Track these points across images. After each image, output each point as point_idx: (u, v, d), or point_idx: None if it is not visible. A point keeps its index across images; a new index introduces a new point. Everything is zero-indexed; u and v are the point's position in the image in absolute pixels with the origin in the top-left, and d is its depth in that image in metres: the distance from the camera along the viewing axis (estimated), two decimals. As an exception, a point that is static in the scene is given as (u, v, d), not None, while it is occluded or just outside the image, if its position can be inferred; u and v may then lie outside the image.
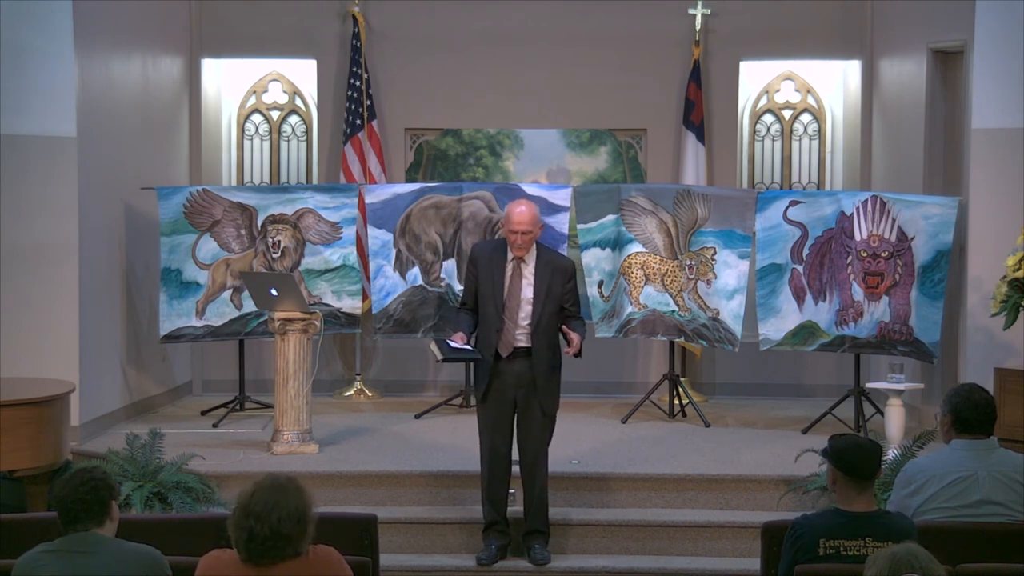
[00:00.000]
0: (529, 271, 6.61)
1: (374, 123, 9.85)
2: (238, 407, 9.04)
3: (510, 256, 6.63)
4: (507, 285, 6.61)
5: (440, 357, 6.59)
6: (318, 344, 7.83)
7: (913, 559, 3.61)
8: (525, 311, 6.59)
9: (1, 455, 6.78)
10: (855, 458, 4.57)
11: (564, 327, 6.61)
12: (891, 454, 7.07)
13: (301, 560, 3.99)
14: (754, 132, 10.22)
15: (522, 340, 6.61)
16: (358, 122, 9.76)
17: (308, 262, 8.99)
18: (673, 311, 8.78)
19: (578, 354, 6.61)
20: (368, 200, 9.02)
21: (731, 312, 8.51)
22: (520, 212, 6.60)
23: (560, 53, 10.01)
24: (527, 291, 6.59)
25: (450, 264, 9.00)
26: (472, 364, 6.79)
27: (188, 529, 5.22)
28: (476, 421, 6.82)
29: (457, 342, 6.57)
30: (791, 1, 9.89)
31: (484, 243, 7.57)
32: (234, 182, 10.26)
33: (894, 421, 7.66)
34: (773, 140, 10.24)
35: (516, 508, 6.88)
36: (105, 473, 4.41)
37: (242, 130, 10.33)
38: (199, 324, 8.83)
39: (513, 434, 6.72)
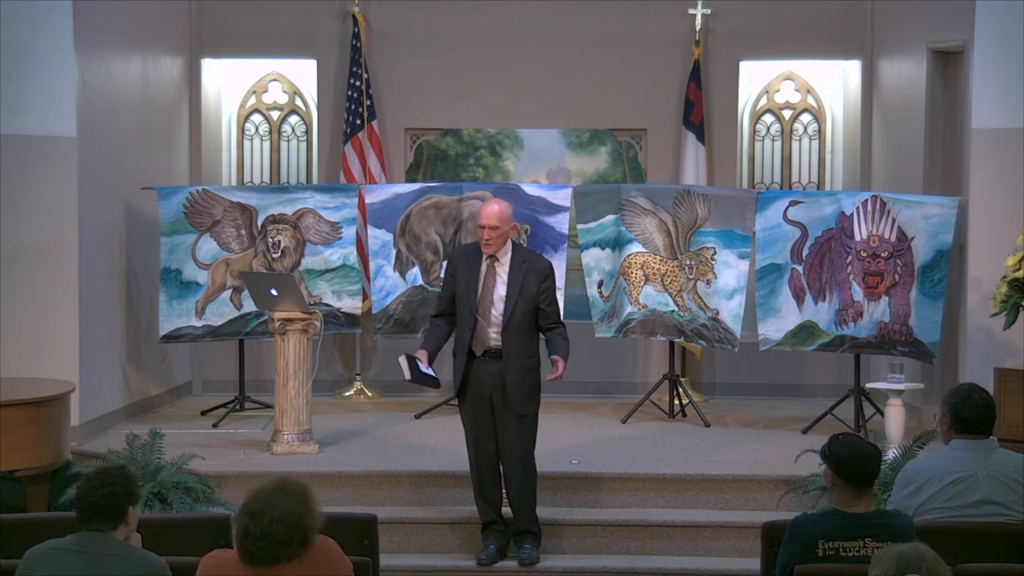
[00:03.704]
0: (503, 270, 6.64)
1: (374, 123, 9.85)
2: (238, 407, 9.03)
3: (485, 256, 6.65)
4: (481, 284, 6.63)
5: (408, 377, 6.64)
6: (318, 344, 7.82)
7: (920, 559, 3.61)
8: (498, 309, 6.60)
9: (1, 455, 6.78)
10: (854, 465, 4.56)
11: (552, 356, 6.59)
12: (891, 454, 7.07)
13: (298, 560, 3.97)
14: (754, 132, 10.22)
15: (495, 339, 6.62)
16: (358, 122, 9.76)
17: (308, 262, 8.99)
18: (673, 311, 8.78)
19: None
20: (368, 200, 9.02)
21: (731, 312, 8.51)
22: (488, 208, 6.66)
23: (560, 53, 10.01)
24: (500, 289, 6.61)
25: (450, 264, 8.99)
26: (453, 358, 6.80)
27: (188, 529, 5.22)
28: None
29: (421, 360, 6.64)
30: (791, 1, 9.89)
31: (462, 246, 7.61)
32: (234, 182, 10.26)
33: (894, 421, 7.66)
34: (773, 140, 10.24)
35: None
36: (129, 477, 4.40)
37: (242, 130, 10.33)
38: (199, 324, 8.83)
39: (494, 433, 6.72)
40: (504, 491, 6.78)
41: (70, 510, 6.14)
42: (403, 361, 6.67)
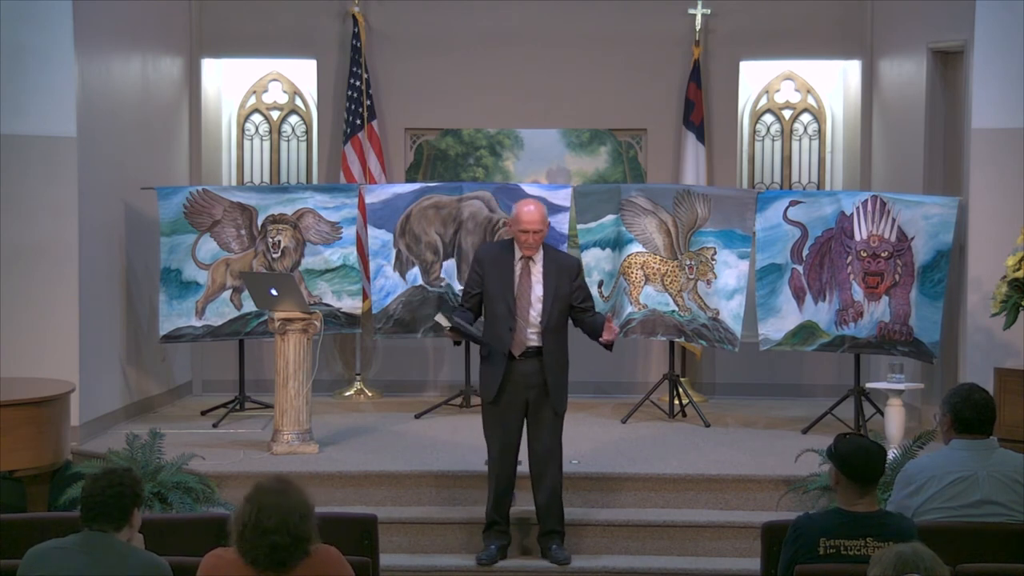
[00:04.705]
0: (538, 270, 6.62)
1: (374, 123, 9.85)
2: (238, 407, 9.03)
3: (518, 255, 6.63)
4: (517, 284, 6.61)
5: (447, 324, 6.57)
6: (318, 344, 7.82)
7: (918, 559, 3.62)
8: (536, 309, 6.60)
9: (1, 455, 6.79)
10: (860, 463, 4.56)
11: (607, 316, 6.64)
12: (891, 454, 7.06)
13: (308, 559, 3.99)
14: (754, 132, 10.22)
15: (534, 339, 6.62)
16: (358, 122, 9.76)
17: (308, 262, 8.99)
18: (673, 311, 8.78)
19: (609, 346, 6.66)
20: (368, 200, 9.02)
21: (731, 312, 8.51)
22: (530, 211, 6.60)
23: (560, 53, 10.01)
24: (537, 289, 6.60)
25: (450, 264, 9.00)
26: (482, 362, 6.75)
27: (188, 529, 5.22)
28: (477, 421, 6.81)
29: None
30: (791, 1, 9.89)
31: (489, 244, 7.52)
32: (234, 182, 10.26)
33: (894, 421, 7.66)
34: (773, 140, 10.24)
35: (516, 508, 6.87)
36: (136, 480, 4.43)
37: (242, 130, 10.33)
38: (199, 324, 8.83)
39: (522, 434, 6.72)
40: (529, 492, 6.77)
41: (70, 510, 6.17)
42: (440, 318, 6.63)
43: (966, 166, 8.23)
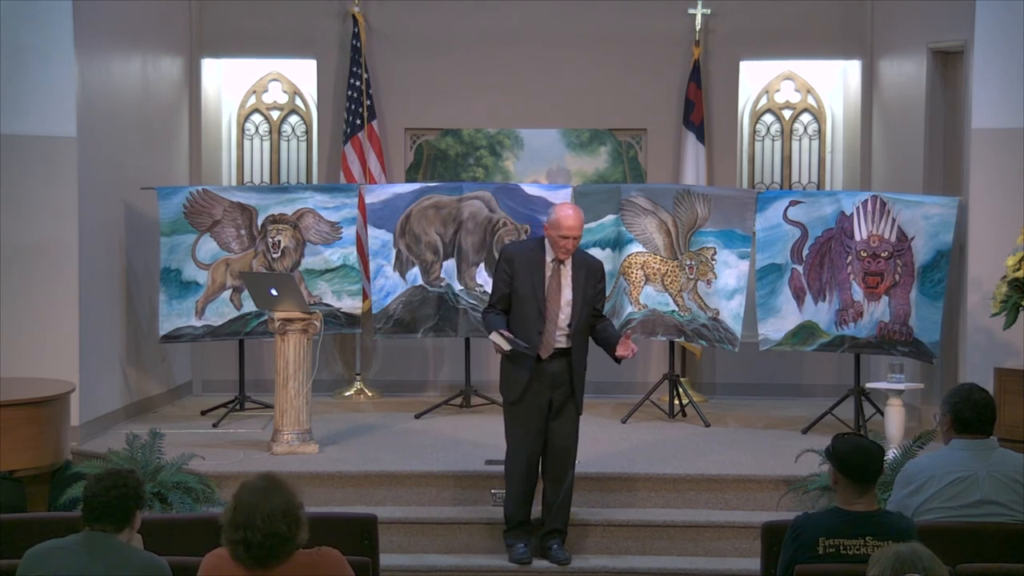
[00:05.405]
0: (567, 272, 6.59)
1: (374, 123, 9.85)
2: (238, 407, 9.03)
3: (550, 257, 6.60)
4: (547, 287, 6.59)
5: (507, 348, 6.51)
6: (318, 344, 7.82)
7: (916, 559, 3.62)
8: (566, 312, 6.58)
9: (1, 455, 6.79)
10: (858, 462, 4.57)
11: (625, 334, 6.63)
12: (891, 454, 7.07)
13: (304, 560, 3.99)
14: (754, 132, 10.22)
15: (562, 341, 6.61)
16: (358, 122, 9.76)
17: (308, 262, 8.99)
18: (673, 311, 8.78)
19: (619, 360, 6.67)
20: (368, 200, 9.03)
21: (731, 312, 8.52)
22: (570, 216, 6.55)
23: (560, 53, 10.01)
24: (567, 293, 6.58)
25: (450, 264, 9.00)
26: (505, 361, 6.70)
27: (188, 529, 5.23)
28: (477, 420, 6.82)
29: (509, 335, 6.54)
30: (791, 1, 9.89)
31: (518, 244, 7.37)
32: (234, 182, 10.26)
33: (894, 421, 7.66)
34: (773, 140, 10.24)
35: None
36: (139, 482, 4.45)
37: (242, 130, 10.33)
38: (199, 324, 8.83)
39: (544, 434, 6.72)
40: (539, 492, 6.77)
41: (70, 510, 6.17)
42: (496, 337, 6.52)
43: (966, 166, 8.23)
